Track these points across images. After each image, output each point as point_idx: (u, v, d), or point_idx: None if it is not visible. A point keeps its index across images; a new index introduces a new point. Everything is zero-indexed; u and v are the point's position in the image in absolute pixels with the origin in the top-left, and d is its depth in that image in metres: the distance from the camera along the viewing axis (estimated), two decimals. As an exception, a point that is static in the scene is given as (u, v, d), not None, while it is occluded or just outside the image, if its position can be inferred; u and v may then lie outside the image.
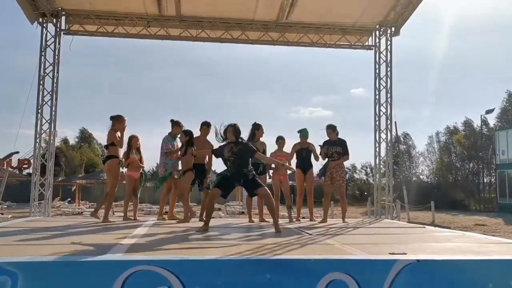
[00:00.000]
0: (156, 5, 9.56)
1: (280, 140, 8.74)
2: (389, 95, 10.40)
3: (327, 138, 8.55)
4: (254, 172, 6.41)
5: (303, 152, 8.74)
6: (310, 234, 6.08)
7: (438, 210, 22.91)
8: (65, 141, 50.11)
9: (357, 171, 50.14)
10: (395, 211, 19.58)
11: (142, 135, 8.62)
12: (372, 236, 6.33)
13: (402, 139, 45.05)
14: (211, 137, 7.99)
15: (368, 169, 47.91)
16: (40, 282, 3.57)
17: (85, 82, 73.37)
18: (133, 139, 8.33)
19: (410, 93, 61.25)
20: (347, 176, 12.16)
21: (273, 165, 8.51)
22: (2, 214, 19.85)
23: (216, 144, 6.75)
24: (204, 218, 6.63)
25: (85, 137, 50.90)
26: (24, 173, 34.85)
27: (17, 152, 25.30)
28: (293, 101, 75.28)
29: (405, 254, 4.23)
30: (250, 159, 6.44)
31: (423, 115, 64.71)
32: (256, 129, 8.30)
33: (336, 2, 9.71)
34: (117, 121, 7.57)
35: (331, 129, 8.55)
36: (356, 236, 6.26)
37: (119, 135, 7.57)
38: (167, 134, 8.27)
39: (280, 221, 8.44)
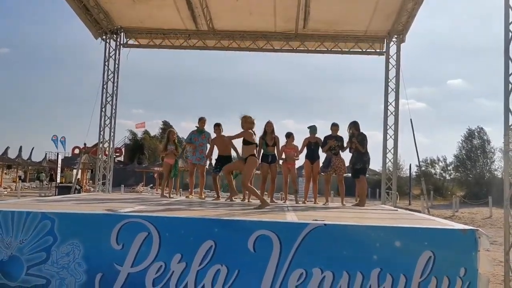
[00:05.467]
0: (192, 22, 11.65)
1: (291, 136, 10.33)
2: (396, 94, 11.68)
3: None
4: None
5: (312, 145, 10.29)
6: (288, 209, 7.72)
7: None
8: (147, 133, 54.82)
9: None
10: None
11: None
12: (334, 213, 7.78)
13: (476, 134, 43.94)
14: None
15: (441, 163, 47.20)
16: (67, 225, 5.65)
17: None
18: (170, 133, 10.40)
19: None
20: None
21: (283, 156, 10.19)
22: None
23: None
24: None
25: (166, 129, 55.09)
26: (116, 160, 39.05)
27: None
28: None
29: (323, 221, 5.78)
30: None
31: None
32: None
33: (344, 14, 11.13)
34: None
35: (335, 126, 10.06)
36: (323, 212, 7.74)
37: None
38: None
39: (288, 202, 10.16)
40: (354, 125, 9.52)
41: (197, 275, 5.37)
